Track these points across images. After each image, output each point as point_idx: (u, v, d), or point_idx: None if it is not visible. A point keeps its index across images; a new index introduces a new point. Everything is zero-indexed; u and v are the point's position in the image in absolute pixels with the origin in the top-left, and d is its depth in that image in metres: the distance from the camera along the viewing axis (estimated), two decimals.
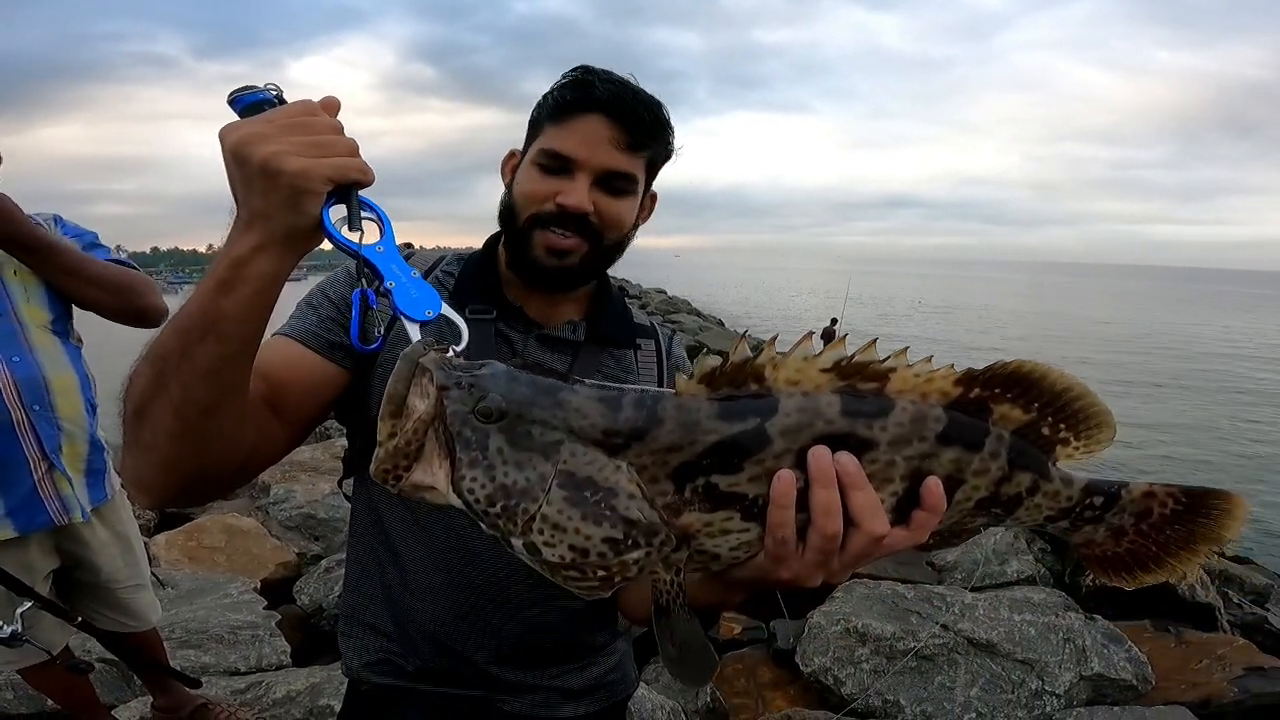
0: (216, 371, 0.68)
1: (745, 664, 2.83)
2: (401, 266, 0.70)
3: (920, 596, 3.04)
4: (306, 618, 3.18)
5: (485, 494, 0.56)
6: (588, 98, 0.93)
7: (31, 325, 1.73)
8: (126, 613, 1.96)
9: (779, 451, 0.56)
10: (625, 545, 0.57)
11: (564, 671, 1.03)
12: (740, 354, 0.57)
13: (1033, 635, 2.78)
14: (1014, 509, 0.64)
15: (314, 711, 2.30)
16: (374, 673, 1.02)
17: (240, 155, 0.63)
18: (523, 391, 0.58)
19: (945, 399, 0.59)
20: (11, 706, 2.31)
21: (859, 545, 0.59)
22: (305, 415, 0.89)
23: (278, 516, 4.00)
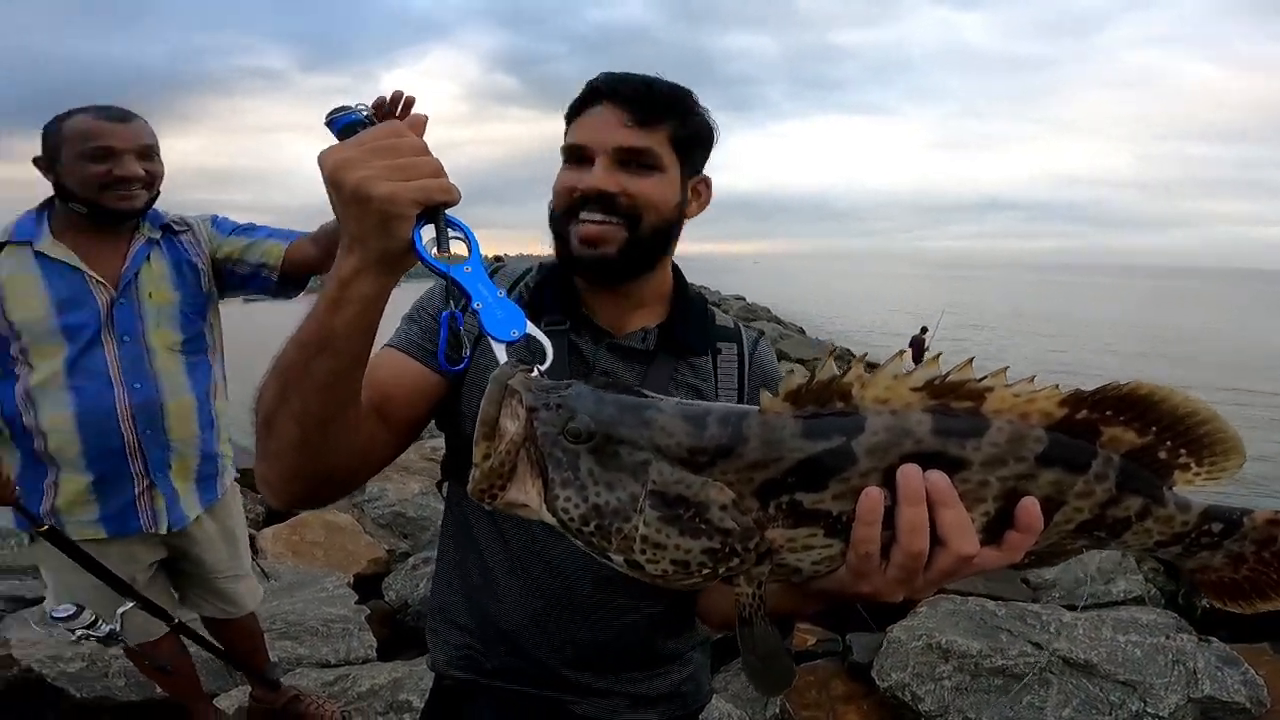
0: (331, 386, 0.74)
1: (818, 676, 2.77)
2: (488, 286, 0.72)
3: (1013, 614, 2.90)
4: (393, 613, 3.31)
5: (579, 513, 0.59)
6: (593, 91, 0.96)
7: (159, 349, 1.81)
8: (225, 599, 2.07)
9: (865, 470, 0.56)
10: (724, 553, 0.58)
11: (637, 678, 1.04)
12: (826, 372, 0.56)
13: (1138, 656, 2.62)
14: (1120, 532, 0.62)
15: (394, 706, 2.39)
16: (456, 668, 1.05)
17: (335, 181, 0.67)
18: (609, 412, 0.59)
19: (1048, 420, 0.57)
20: (122, 693, 2.48)
21: (945, 564, 0.59)
22: (411, 422, 0.94)
23: (371, 514, 4.18)
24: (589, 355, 1.00)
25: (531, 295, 1.04)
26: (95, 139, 1.68)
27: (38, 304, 1.70)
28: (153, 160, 1.77)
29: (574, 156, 0.96)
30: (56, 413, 1.71)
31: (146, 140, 1.75)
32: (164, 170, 1.82)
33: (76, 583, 1.79)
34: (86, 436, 1.74)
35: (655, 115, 0.95)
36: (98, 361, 1.73)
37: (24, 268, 1.71)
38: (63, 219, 1.76)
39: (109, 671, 2.50)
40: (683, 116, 0.97)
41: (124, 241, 1.80)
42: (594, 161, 0.94)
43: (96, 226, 1.76)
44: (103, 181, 1.69)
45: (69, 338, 1.72)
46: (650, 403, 0.60)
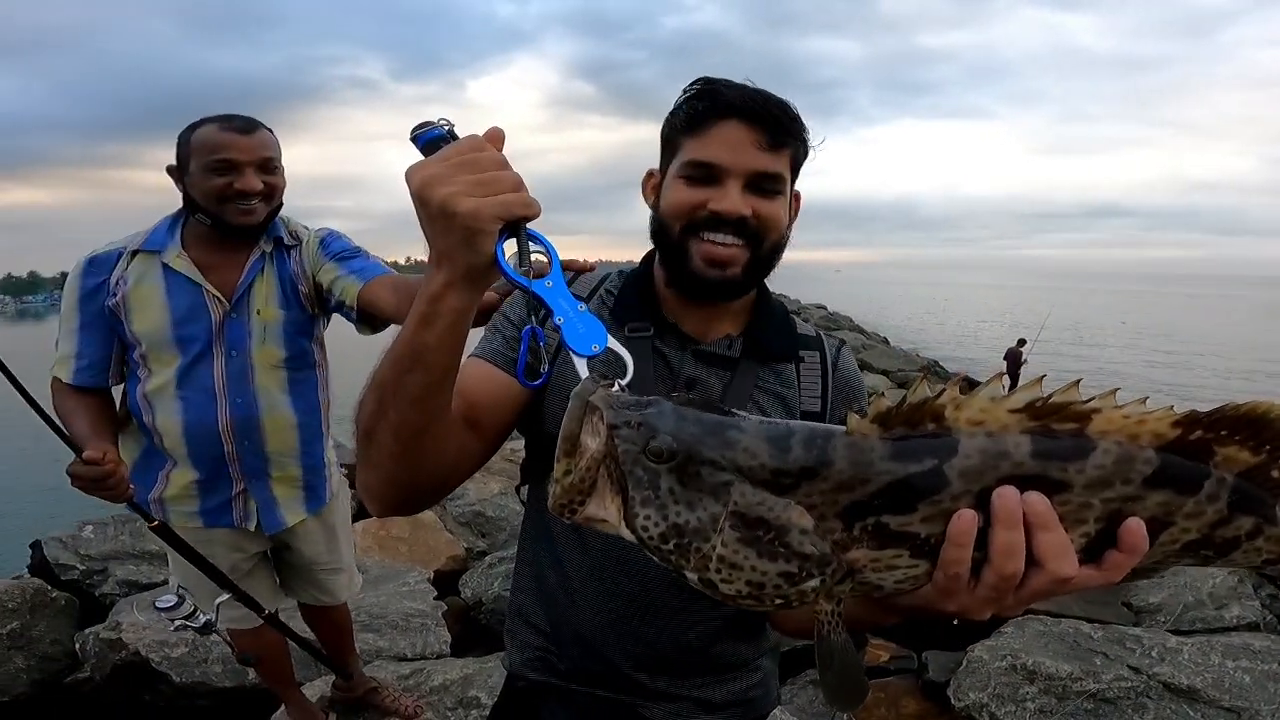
0: (424, 399, 0.76)
1: (888, 693, 2.68)
2: (569, 301, 0.73)
3: (1110, 638, 2.73)
4: (467, 609, 3.40)
5: (659, 531, 0.59)
6: (720, 104, 0.94)
7: (261, 366, 1.86)
8: (322, 590, 2.17)
9: (957, 493, 0.55)
10: (801, 577, 0.58)
11: (706, 683, 1.04)
12: (919, 394, 0.55)
13: (1246, 683, 2.44)
14: (1229, 552, 0.59)
15: (463, 701, 2.44)
16: (530, 669, 1.07)
17: (422, 199, 0.68)
18: (691, 431, 0.59)
19: (1159, 441, 0.54)
20: (218, 679, 2.64)
21: (1040, 585, 0.57)
22: (498, 428, 0.96)
23: (453, 512, 4.30)
24: (674, 362, 1.01)
25: (615, 302, 1.05)
26: (217, 151, 1.71)
27: (157, 315, 1.78)
28: (273, 173, 1.79)
29: (702, 174, 0.95)
30: (167, 418, 1.83)
31: (267, 153, 1.76)
32: (285, 182, 1.84)
33: (188, 568, 1.91)
34: (191, 443, 1.85)
35: (784, 139, 0.95)
36: (205, 374, 1.82)
37: (150, 278, 1.79)
38: (192, 229, 1.83)
39: (208, 658, 2.66)
40: (802, 138, 0.98)
41: (244, 254, 1.84)
42: (722, 181, 0.93)
43: (221, 238, 1.81)
44: (222, 195, 1.73)
45: (182, 349, 1.80)
46: (733, 422, 0.59)
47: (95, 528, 3.59)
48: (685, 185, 0.96)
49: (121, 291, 1.78)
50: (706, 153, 0.94)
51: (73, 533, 3.56)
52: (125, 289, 1.78)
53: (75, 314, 1.81)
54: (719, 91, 0.94)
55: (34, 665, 2.87)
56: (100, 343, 1.81)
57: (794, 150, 0.97)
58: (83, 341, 1.81)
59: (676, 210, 0.96)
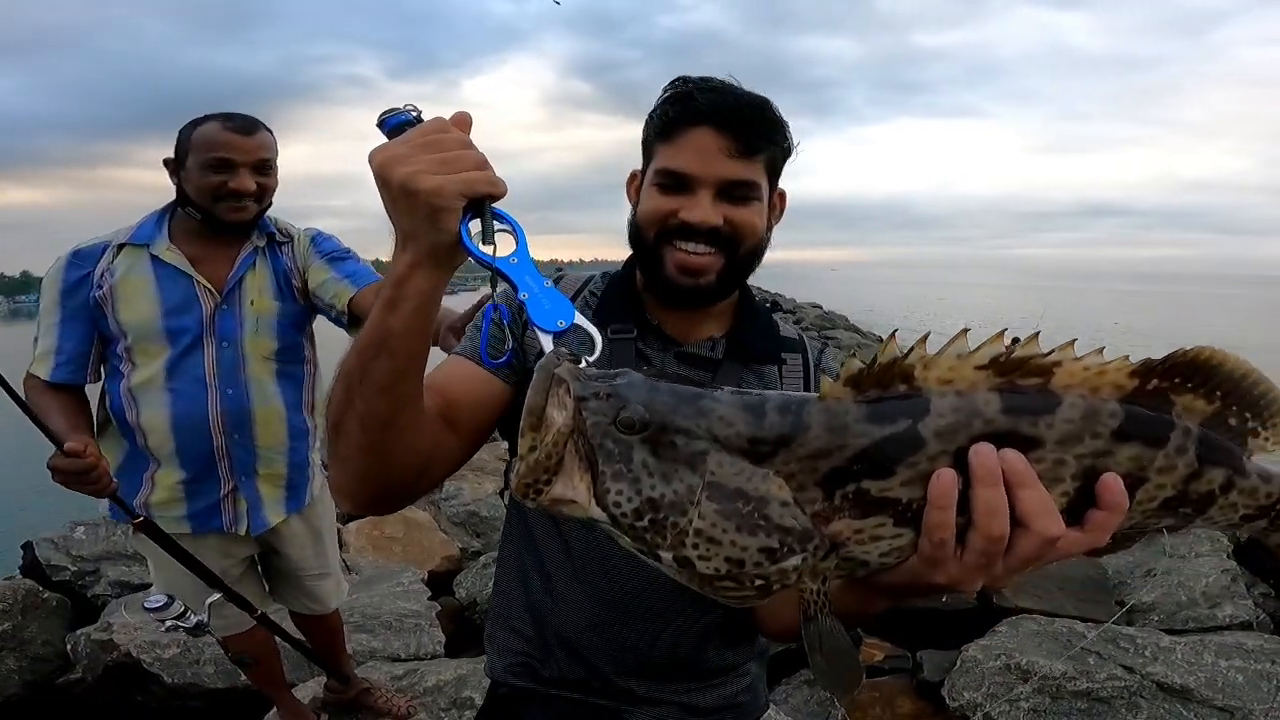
0: (391, 386, 0.75)
1: (883, 693, 2.68)
2: (535, 277, 0.72)
3: (1103, 637, 2.73)
4: (462, 610, 3.39)
5: (632, 508, 0.56)
6: (690, 111, 0.93)
7: (253, 357, 1.85)
8: (310, 597, 2.15)
9: (934, 453, 0.54)
10: (782, 553, 0.55)
11: (692, 688, 1.03)
12: (888, 354, 0.54)
13: (1239, 682, 2.45)
14: (1205, 508, 0.58)
15: (457, 702, 2.44)
16: (512, 675, 1.05)
17: (383, 178, 0.68)
18: (664, 400, 0.57)
19: (1120, 392, 0.54)
20: (210, 680, 2.62)
21: (1028, 548, 0.55)
22: (477, 427, 0.94)
23: (447, 512, 4.29)
24: (656, 363, 1.01)
25: (598, 304, 1.04)
26: (216, 149, 1.74)
27: (146, 306, 1.78)
28: (267, 174, 1.82)
29: (673, 182, 0.94)
30: (153, 413, 1.81)
31: (264, 154, 1.79)
32: (277, 183, 1.86)
33: (175, 572, 1.88)
34: (180, 437, 1.82)
35: (757, 144, 0.94)
36: (195, 365, 1.80)
37: (139, 270, 1.79)
38: (180, 223, 1.84)
39: (200, 659, 2.65)
40: (779, 142, 0.97)
41: (234, 248, 1.86)
42: (693, 190, 0.93)
43: (210, 233, 1.82)
44: (216, 192, 1.76)
45: (171, 341, 1.79)
46: (706, 392, 0.58)
47: (87, 529, 3.57)
48: (658, 193, 0.96)
49: (108, 284, 1.77)
50: (677, 162, 0.93)
51: (64, 533, 3.55)
52: (112, 280, 1.77)
53: (56, 309, 1.79)
54: (691, 97, 0.94)
55: (25, 666, 2.86)
56: (81, 338, 1.80)
57: (769, 155, 0.96)
58: (63, 336, 1.79)
59: (650, 218, 0.96)
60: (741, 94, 0.95)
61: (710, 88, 0.94)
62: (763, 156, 0.95)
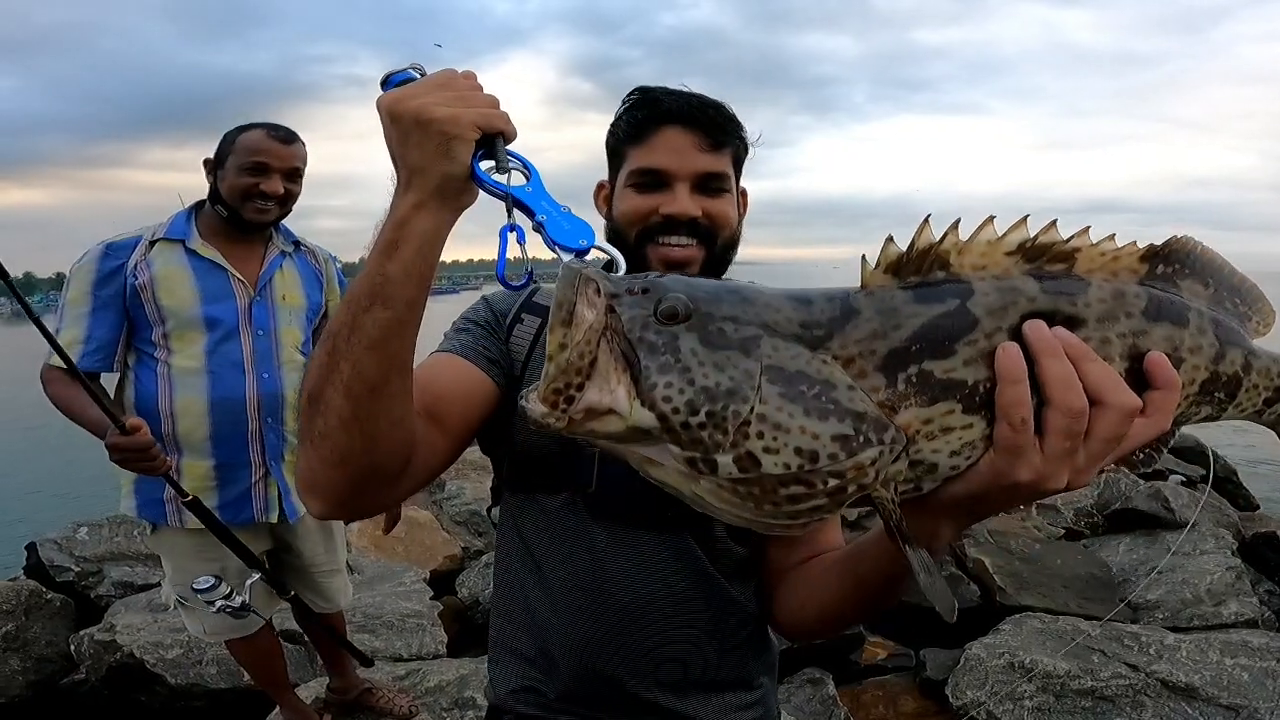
0: (384, 341, 0.68)
1: (886, 691, 2.68)
2: (550, 202, 0.71)
3: (1108, 635, 2.73)
4: (464, 609, 3.40)
5: (685, 400, 0.49)
6: (659, 112, 0.96)
7: (285, 345, 1.98)
8: (320, 594, 2.17)
9: (990, 330, 0.52)
10: (859, 442, 0.49)
11: (706, 700, 1.00)
12: (925, 239, 0.53)
13: (1245, 680, 2.44)
14: (1235, 392, 0.59)
15: (459, 702, 2.44)
16: (517, 701, 1.02)
17: (394, 112, 0.67)
18: (706, 290, 0.54)
19: (1135, 275, 0.56)
20: (213, 681, 2.63)
21: (1108, 426, 0.52)
22: (464, 425, 0.91)
23: (449, 511, 4.29)
24: None
25: None
26: (256, 154, 1.87)
27: (187, 294, 1.88)
28: (295, 182, 1.96)
29: (650, 180, 0.96)
30: (191, 396, 1.88)
31: (296, 164, 1.94)
32: (301, 191, 2.00)
33: (196, 570, 1.92)
34: (216, 420, 1.90)
35: (724, 138, 0.98)
36: (234, 350, 1.90)
37: (176, 262, 1.89)
38: (207, 222, 1.95)
39: (203, 659, 2.66)
40: (742, 137, 1.01)
41: (259, 249, 1.99)
42: (670, 185, 0.95)
43: (236, 232, 1.94)
44: (248, 192, 1.88)
45: (210, 328, 1.89)
46: (747, 286, 0.56)
47: (90, 529, 3.58)
48: (635, 193, 0.97)
49: (146, 273, 1.86)
50: (652, 159, 0.96)
51: (67, 534, 3.55)
52: (151, 271, 1.87)
53: (87, 298, 1.86)
54: (658, 100, 0.97)
55: (29, 667, 2.87)
56: (112, 326, 1.88)
57: (734, 149, 0.99)
58: (94, 325, 1.86)
59: (630, 218, 0.97)
60: (701, 96, 0.98)
61: (672, 92, 0.98)
62: (729, 150, 0.99)
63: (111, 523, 3.62)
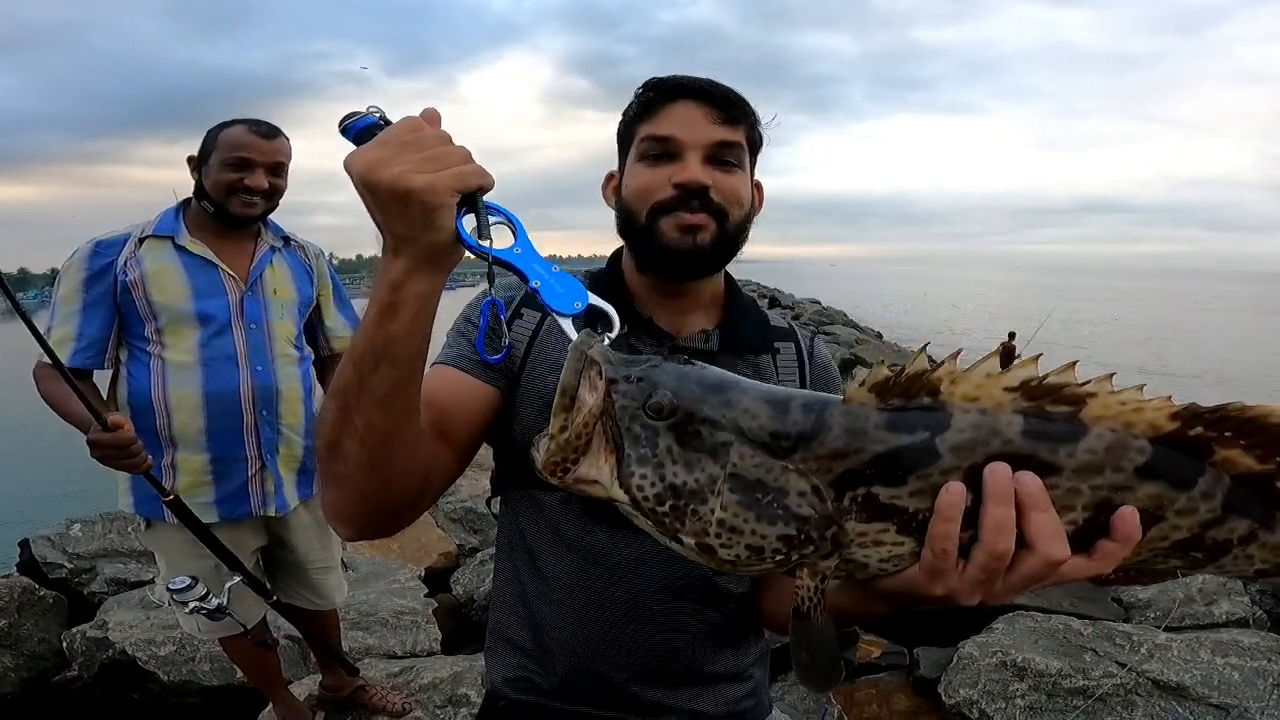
0: (391, 397, 0.72)
1: (880, 689, 2.68)
2: (542, 264, 0.71)
3: (1099, 634, 2.74)
4: (459, 606, 3.39)
5: (654, 492, 0.57)
6: (671, 88, 0.95)
7: (279, 338, 1.98)
8: (315, 591, 2.17)
9: (947, 467, 0.54)
10: (800, 540, 0.57)
11: (699, 694, 1.02)
12: (917, 365, 0.55)
13: (1235, 680, 2.44)
14: (1219, 556, 0.58)
15: (453, 699, 2.44)
16: (512, 689, 1.03)
17: (369, 182, 0.65)
18: (692, 389, 0.58)
19: (1155, 432, 0.54)
20: (206, 678, 2.63)
21: (1030, 569, 0.56)
22: (470, 436, 0.93)
23: (444, 508, 4.27)
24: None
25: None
26: (238, 149, 1.87)
27: (179, 290, 1.87)
28: (280, 176, 1.95)
29: (661, 150, 0.94)
30: (185, 390, 1.87)
31: (279, 158, 1.93)
32: (287, 185, 1.99)
33: (187, 567, 1.92)
34: (210, 414, 1.89)
35: (737, 114, 0.96)
36: (227, 344, 1.90)
37: (166, 258, 1.89)
38: (195, 218, 1.95)
39: (196, 657, 2.65)
40: (753, 119, 0.99)
41: (248, 244, 1.99)
42: (681, 155, 0.93)
43: (225, 228, 1.94)
44: (232, 187, 1.88)
45: (202, 322, 1.89)
46: (734, 381, 0.59)
47: (83, 526, 3.57)
48: (645, 166, 0.95)
49: (137, 270, 1.86)
50: (663, 128, 0.94)
51: (60, 531, 3.54)
52: (141, 268, 1.86)
53: (78, 295, 1.86)
54: (669, 78, 0.96)
55: (22, 664, 2.86)
56: (102, 323, 1.88)
57: (748, 128, 0.97)
58: (84, 322, 1.86)
59: (641, 193, 0.95)
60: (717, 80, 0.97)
61: (684, 75, 0.97)
62: (743, 127, 0.96)
63: (105, 519, 3.61)
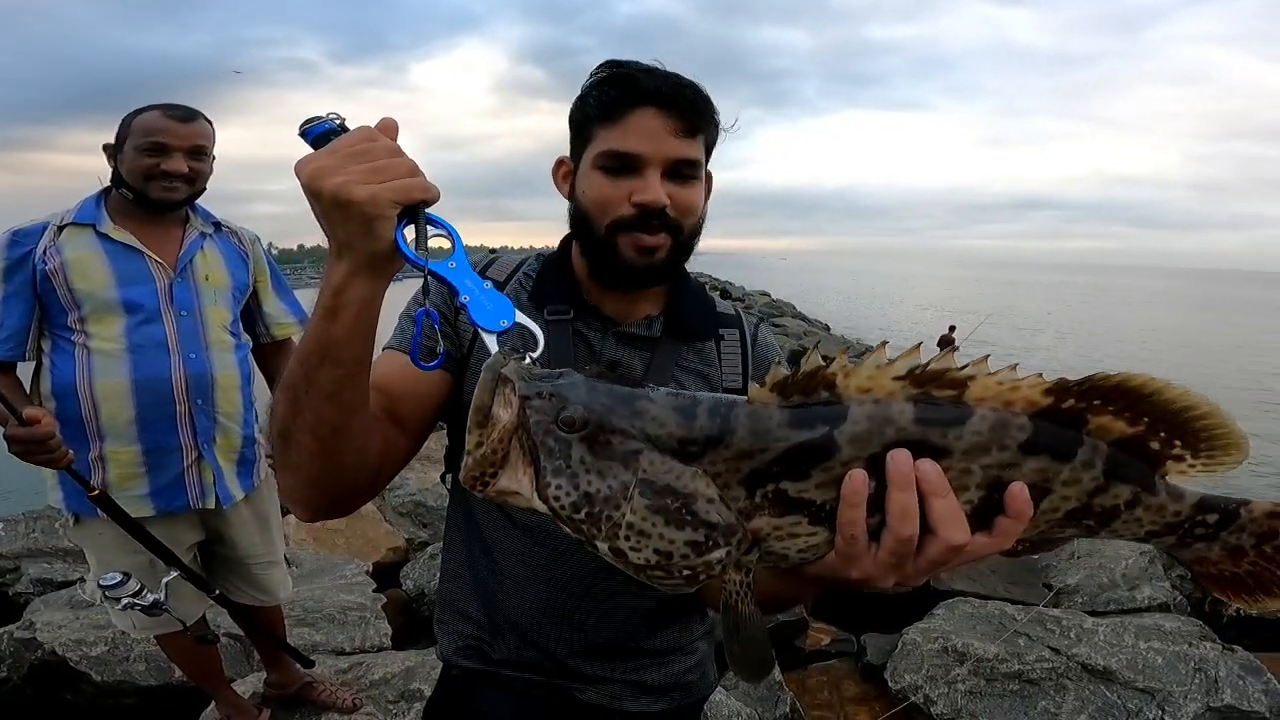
0: (337, 393, 0.75)
1: (830, 676, 2.76)
2: (474, 280, 0.73)
3: (1032, 619, 2.87)
4: (409, 602, 3.34)
5: (570, 501, 0.60)
6: (634, 92, 0.92)
7: (212, 325, 1.92)
8: (258, 587, 2.11)
9: (847, 459, 0.57)
10: (707, 546, 0.59)
11: (642, 666, 1.04)
12: (812, 363, 0.58)
13: (1159, 664, 2.58)
14: (1109, 521, 0.61)
15: (405, 694, 2.41)
16: (463, 658, 1.06)
17: (313, 190, 0.67)
18: (602, 401, 0.60)
19: (1032, 408, 0.57)
20: (142, 678, 2.53)
21: (935, 552, 0.59)
22: (422, 420, 0.94)
23: (392, 502, 4.20)
24: (595, 344, 1.01)
25: (533, 286, 1.03)
26: (152, 135, 1.82)
27: (101, 277, 1.80)
28: (201, 160, 1.89)
29: (620, 164, 0.93)
30: (112, 380, 1.79)
31: (198, 141, 1.87)
32: (211, 169, 1.93)
33: (119, 563, 1.85)
34: (141, 402, 1.81)
35: (699, 124, 0.95)
36: (157, 331, 1.83)
37: (88, 246, 1.82)
38: (117, 205, 1.88)
39: (130, 656, 2.56)
40: (715, 123, 0.98)
41: (176, 230, 1.92)
42: (641, 171, 0.93)
43: (148, 214, 1.87)
44: (149, 173, 1.82)
45: (129, 310, 1.82)
46: (642, 393, 0.61)
47: (5, 525, 3.41)
48: (604, 177, 0.94)
49: (57, 259, 1.79)
50: (625, 143, 0.92)
51: None
52: (60, 256, 1.79)
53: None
54: (634, 78, 0.93)
55: None
56: (22, 313, 1.81)
57: (708, 134, 0.98)
58: (4, 313, 1.79)
59: (601, 205, 0.95)
60: (678, 76, 0.95)
61: (648, 70, 0.94)
62: (703, 136, 0.96)
63: (28, 518, 3.45)
